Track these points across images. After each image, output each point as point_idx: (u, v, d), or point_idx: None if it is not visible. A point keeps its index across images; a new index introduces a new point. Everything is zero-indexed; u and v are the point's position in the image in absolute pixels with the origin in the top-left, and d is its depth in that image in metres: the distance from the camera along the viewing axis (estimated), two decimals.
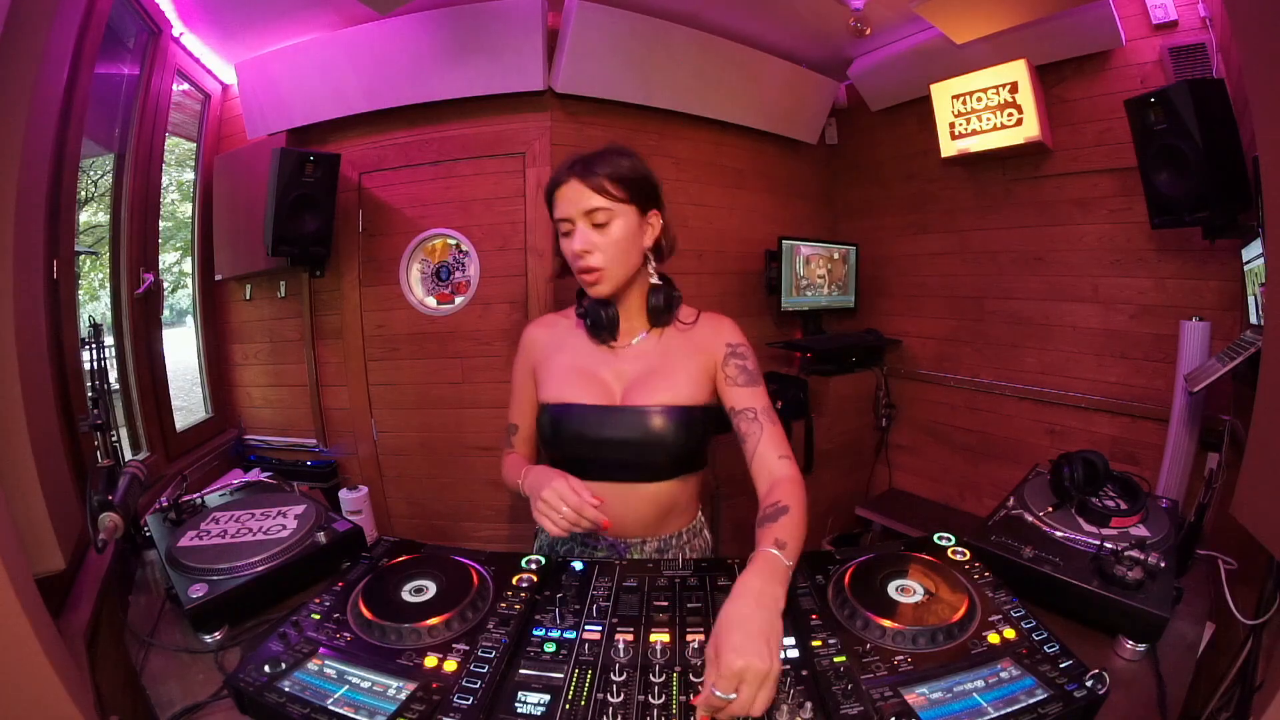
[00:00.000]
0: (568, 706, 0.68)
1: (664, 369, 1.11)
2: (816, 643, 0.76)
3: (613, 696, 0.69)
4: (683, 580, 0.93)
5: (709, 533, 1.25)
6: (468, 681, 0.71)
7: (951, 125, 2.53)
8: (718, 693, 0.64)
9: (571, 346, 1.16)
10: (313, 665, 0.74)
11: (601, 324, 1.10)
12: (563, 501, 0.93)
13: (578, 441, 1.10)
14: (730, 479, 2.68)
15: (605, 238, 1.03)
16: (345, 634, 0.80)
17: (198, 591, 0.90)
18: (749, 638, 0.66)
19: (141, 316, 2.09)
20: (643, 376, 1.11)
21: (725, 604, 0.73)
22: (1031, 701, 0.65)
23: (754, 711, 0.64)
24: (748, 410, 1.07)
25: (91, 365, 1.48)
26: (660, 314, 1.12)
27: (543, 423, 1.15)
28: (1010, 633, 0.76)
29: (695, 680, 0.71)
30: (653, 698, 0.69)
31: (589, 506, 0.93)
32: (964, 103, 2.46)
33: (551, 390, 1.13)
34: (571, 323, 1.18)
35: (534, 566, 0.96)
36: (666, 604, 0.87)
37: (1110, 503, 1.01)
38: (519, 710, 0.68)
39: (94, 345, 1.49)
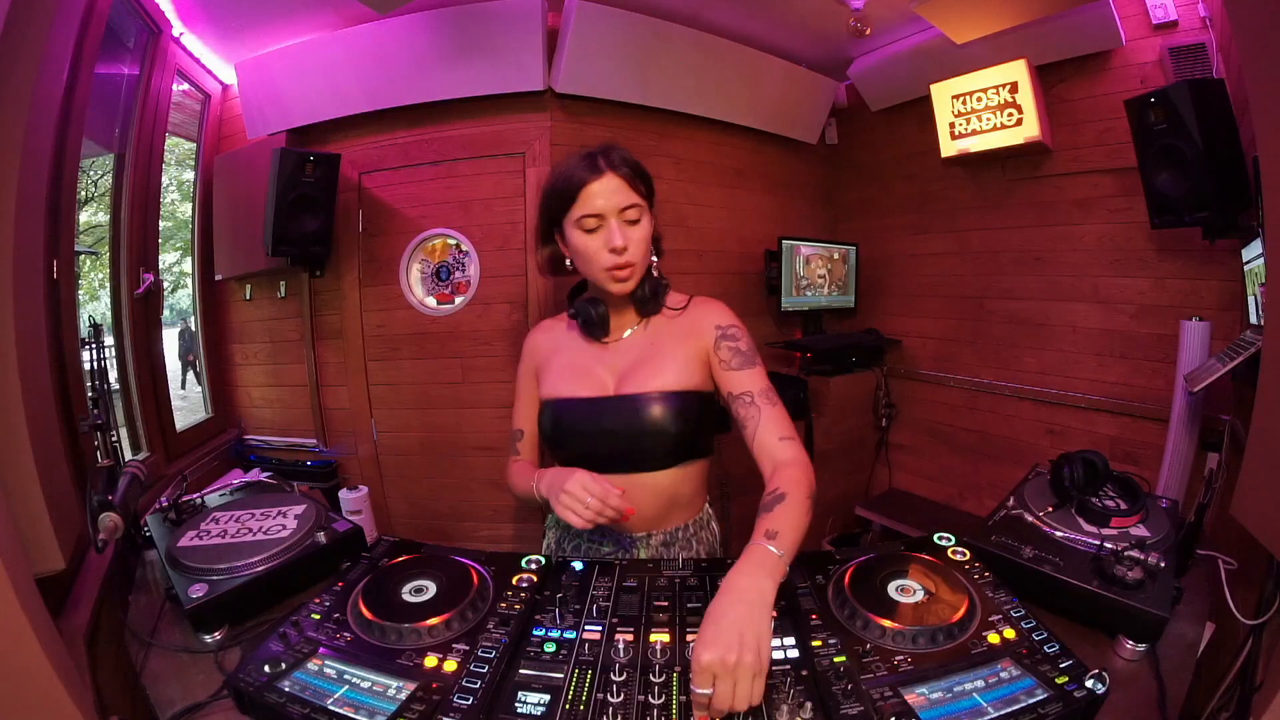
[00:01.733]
0: (568, 706, 0.68)
1: (653, 357, 1.11)
2: (816, 643, 0.76)
3: (613, 696, 0.69)
4: (683, 580, 0.93)
5: (717, 525, 1.25)
6: (468, 681, 0.71)
7: (951, 125, 2.53)
8: (695, 689, 0.65)
9: (567, 346, 1.18)
10: (313, 665, 0.74)
11: (594, 321, 1.12)
12: (587, 493, 0.92)
13: (576, 435, 1.12)
14: (735, 476, 2.68)
15: (639, 234, 1.04)
16: (345, 634, 0.80)
17: (198, 591, 0.90)
18: (720, 632, 0.67)
19: (141, 316, 2.09)
20: (633, 366, 1.11)
21: (711, 602, 0.73)
22: (1031, 701, 0.65)
23: (738, 705, 0.64)
24: (744, 395, 1.05)
25: (91, 365, 1.48)
26: (646, 304, 1.12)
27: (543, 421, 1.17)
28: (1010, 633, 0.76)
29: None
30: (653, 698, 0.69)
31: (613, 495, 0.92)
32: (964, 103, 2.46)
33: (549, 388, 1.16)
34: (566, 324, 1.21)
35: (534, 566, 0.96)
36: (666, 604, 0.87)
37: (1110, 503, 1.01)
38: (519, 710, 0.68)
39: (94, 345, 1.49)
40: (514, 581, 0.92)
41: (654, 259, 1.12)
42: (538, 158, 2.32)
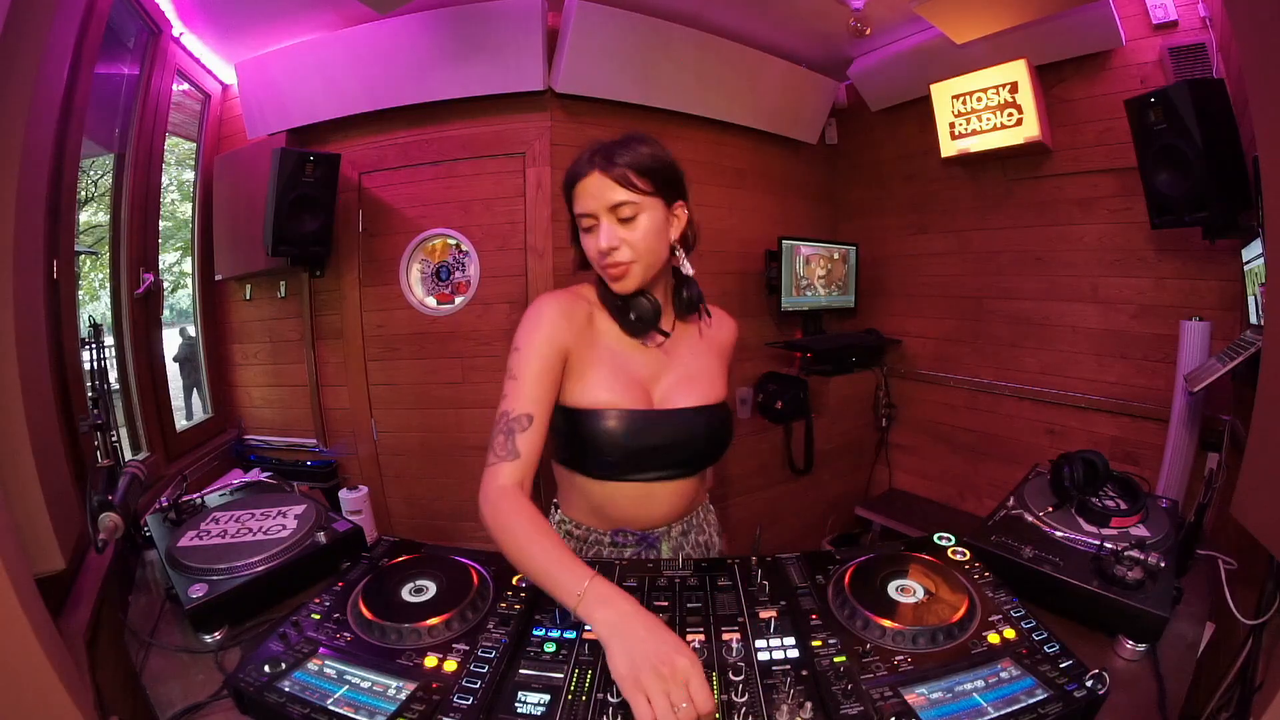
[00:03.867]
0: (568, 706, 0.68)
1: (697, 368, 1.11)
2: (816, 643, 0.76)
3: (613, 697, 0.69)
4: (683, 580, 0.93)
5: (714, 507, 1.29)
6: (468, 681, 0.71)
7: (951, 125, 2.53)
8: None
9: (600, 342, 1.05)
10: (313, 665, 0.74)
11: (646, 315, 1.03)
12: (686, 697, 0.62)
13: (613, 446, 1.03)
14: (725, 479, 2.69)
15: (633, 233, 0.97)
16: (345, 634, 0.80)
17: (198, 591, 0.90)
18: None
19: (141, 316, 2.09)
20: (680, 378, 1.09)
21: None
22: (1031, 701, 0.65)
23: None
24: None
25: (91, 365, 1.48)
26: (692, 307, 1.10)
27: (567, 424, 1.04)
28: (1010, 633, 0.76)
29: None
30: None
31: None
32: (964, 103, 2.46)
33: (587, 394, 1.02)
34: (590, 308, 1.07)
35: None
36: (666, 604, 0.87)
37: (1110, 503, 1.01)
38: (519, 710, 0.68)
39: (94, 345, 1.49)
40: (514, 581, 0.91)
41: (681, 253, 1.06)
42: (538, 158, 2.32)
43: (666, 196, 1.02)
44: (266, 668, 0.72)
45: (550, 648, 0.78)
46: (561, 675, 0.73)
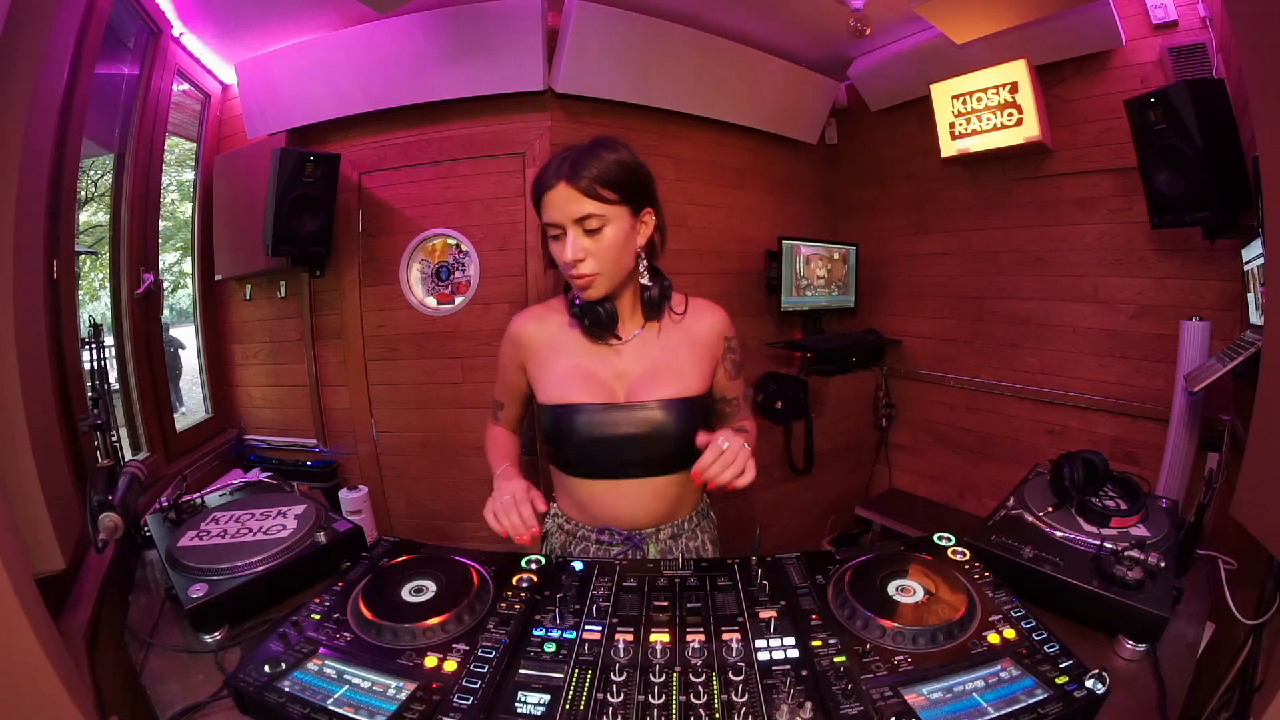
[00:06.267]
0: (568, 706, 0.68)
1: (666, 363, 1.11)
2: (816, 643, 0.76)
3: (613, 696, 0.69)
4: (683, 580, 0.93)
5: (713, 513, 1.27)
6: (468, 681, 0.71)
7: (951, 125, 2.53)
8: (721, 442, 0.91)
9: (566, 346, 1.12)
10: (313, 665, 0.74)
11: (601, 322, 1.08)
12: (510, 510, 0.96)
13: (583, 442, 1.09)
14: None
15: (598, 244, 0.99)
16: (345, 634, 0.80)
17: (198, 591, 0.90)
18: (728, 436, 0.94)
19: (141, 316, 2.09)
20: (646, 373, 1.10)
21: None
22: (1031, 701, 0.65)
23: (739, 460, 0.93)
24: (735, 399, 1.22)
25: (91, 365, 1.48)
26: (656, 307, 1.11)
27: (545, 424, 1.13)
28: (1010, 633, 0.76)
29: (695, 680, 0.71)
30: (653, 698, 0.69)
31: (529, 527, 0.95)
32: (964, 103, 2.46)
33: (552, 392, 1.11)
34: (563, 318, 1.14)
35: (534, 566, 0.96)
36: (666, 604, 0.87)
37: (1110, 503, 1.01)
38: (519, 710, 0.68)
39: (94, 345, 1.49)
40: (514, 581, 0.92)
41: (644, 263, 1.08)
42: (538, 158, 2.32)
43: (633, 205, 1.03)
44: (266, 668, 0.72)
45: (550, 648, 0.78)
46: (561, 675, 0.73)
